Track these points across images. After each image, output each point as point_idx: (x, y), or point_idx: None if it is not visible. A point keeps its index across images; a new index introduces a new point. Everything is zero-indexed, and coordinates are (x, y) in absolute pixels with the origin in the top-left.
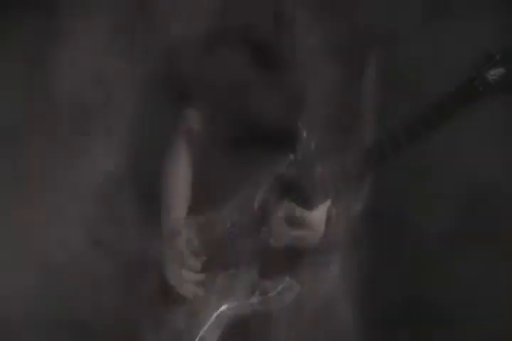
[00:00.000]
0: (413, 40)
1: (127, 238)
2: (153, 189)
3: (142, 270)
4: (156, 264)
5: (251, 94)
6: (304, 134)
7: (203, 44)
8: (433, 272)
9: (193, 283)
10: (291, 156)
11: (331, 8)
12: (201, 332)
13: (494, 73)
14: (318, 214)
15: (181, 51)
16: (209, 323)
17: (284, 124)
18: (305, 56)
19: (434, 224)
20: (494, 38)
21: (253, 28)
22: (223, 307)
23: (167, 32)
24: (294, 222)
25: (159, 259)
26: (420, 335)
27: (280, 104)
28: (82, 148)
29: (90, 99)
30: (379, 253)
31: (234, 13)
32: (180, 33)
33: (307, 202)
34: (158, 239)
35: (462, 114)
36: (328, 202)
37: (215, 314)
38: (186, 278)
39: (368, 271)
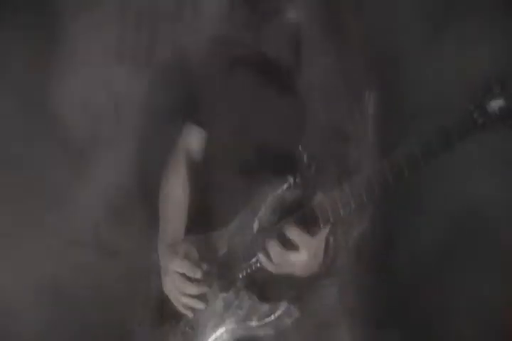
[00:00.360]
0: (414, 66)
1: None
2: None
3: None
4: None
5: (254, 115)
6: (305, 158)
7: (212, 61)
8: (432, 294)
9: (195, 296)
10: (291, 179)
11: (339, 33)
12: None
13: (493, 105)
14: (316, 240)
15: (189, 66)
16: None
17: (284, 147)
18: (311, 80)
19: (431, 245)
20: (495, 65)
21: (263, 51)
22: (221, 330)
23: (174, 47)
24: (291, 247)
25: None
26: None
27: (282, 127)
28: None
29: (96, 110)
30: (377, 277)
31: (246, 35)
32: (189, 48)
33: (306, 227)
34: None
35: (462, 144)
36: (327, 228)
37: (213, 336)
38: (188, 291)
39: (366, 295)
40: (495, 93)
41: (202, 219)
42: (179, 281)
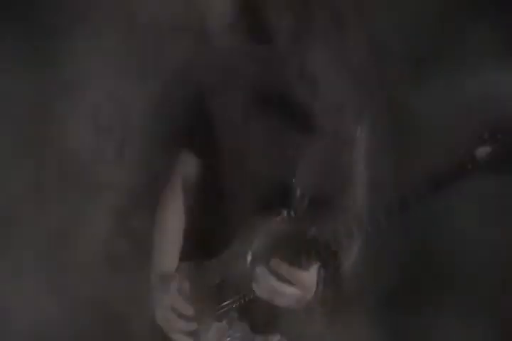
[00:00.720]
0: (405, 107)
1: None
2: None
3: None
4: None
5: (250, 146)
6: (298, 191)
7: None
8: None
9: (185, 333)
10: (285, 212)
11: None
12: None
13: (482, 151)
14: (308, 274)
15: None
16: None
17: (279, 179)
18: (310, 113)
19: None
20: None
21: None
22: None
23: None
24: (283, 280)
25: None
26: None
27: (277, 158)
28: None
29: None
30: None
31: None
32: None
33: (299, 261)
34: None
35: (452, 188)
36: (319, 263)
37: None
38: (178, 328)
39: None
40: (483, 139)
41: (196, 248)
42: (170, 316)
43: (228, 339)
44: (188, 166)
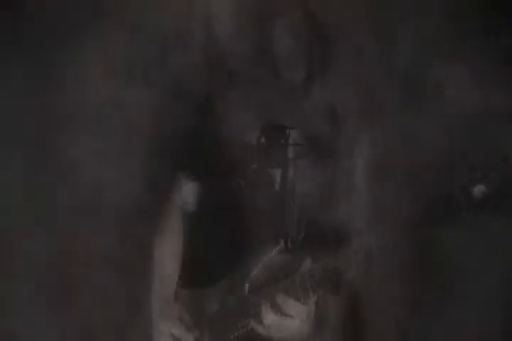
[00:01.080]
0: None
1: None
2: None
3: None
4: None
5: (247, 174)
6: (295, 222)
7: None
8: None
9: None
10: (282, 243)
11: None
12: None
13: (476, 190)
14: (306, 306)
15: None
16: None
17: (277, 209)
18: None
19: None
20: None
21: None
22: None
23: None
24: (279, 311)
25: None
26: None
27: (274, 189)
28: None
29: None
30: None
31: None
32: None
33: (296, 293)
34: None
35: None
36: (316, 294)
37: None
38: None
39: None
40: (478, 178)
41: (195, 274)
42: None
43: None
44: (188, 191)
